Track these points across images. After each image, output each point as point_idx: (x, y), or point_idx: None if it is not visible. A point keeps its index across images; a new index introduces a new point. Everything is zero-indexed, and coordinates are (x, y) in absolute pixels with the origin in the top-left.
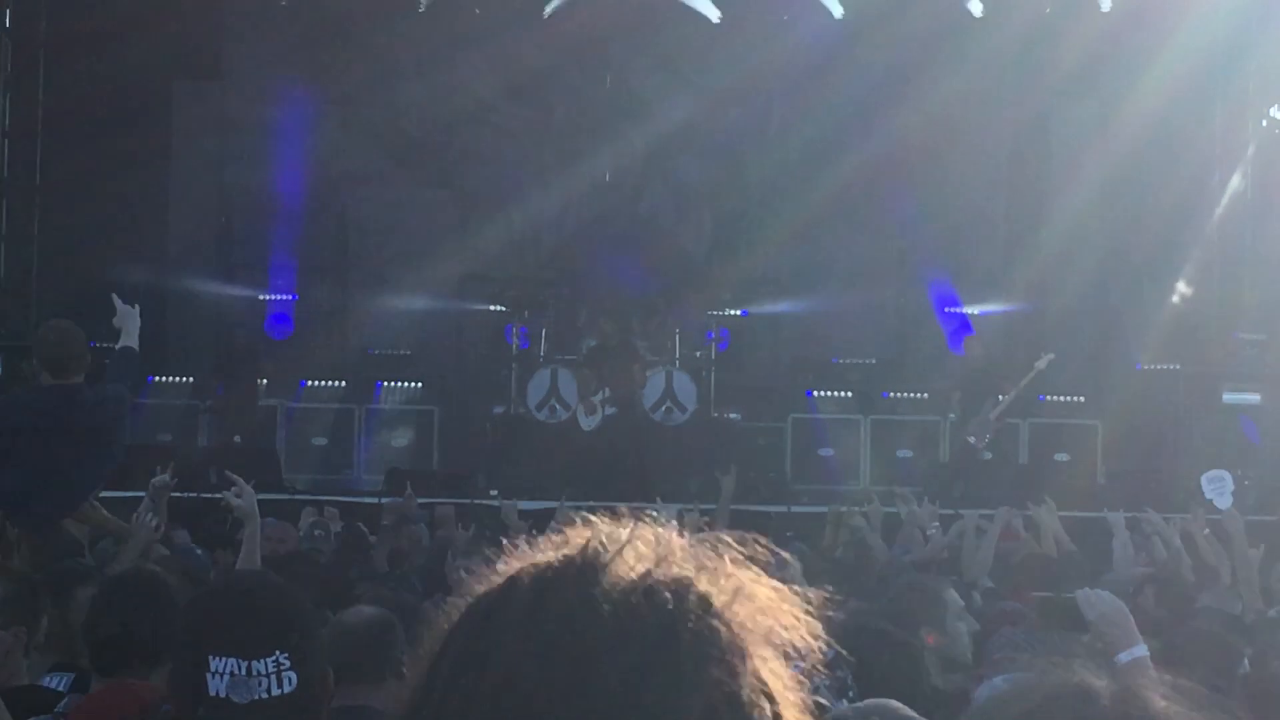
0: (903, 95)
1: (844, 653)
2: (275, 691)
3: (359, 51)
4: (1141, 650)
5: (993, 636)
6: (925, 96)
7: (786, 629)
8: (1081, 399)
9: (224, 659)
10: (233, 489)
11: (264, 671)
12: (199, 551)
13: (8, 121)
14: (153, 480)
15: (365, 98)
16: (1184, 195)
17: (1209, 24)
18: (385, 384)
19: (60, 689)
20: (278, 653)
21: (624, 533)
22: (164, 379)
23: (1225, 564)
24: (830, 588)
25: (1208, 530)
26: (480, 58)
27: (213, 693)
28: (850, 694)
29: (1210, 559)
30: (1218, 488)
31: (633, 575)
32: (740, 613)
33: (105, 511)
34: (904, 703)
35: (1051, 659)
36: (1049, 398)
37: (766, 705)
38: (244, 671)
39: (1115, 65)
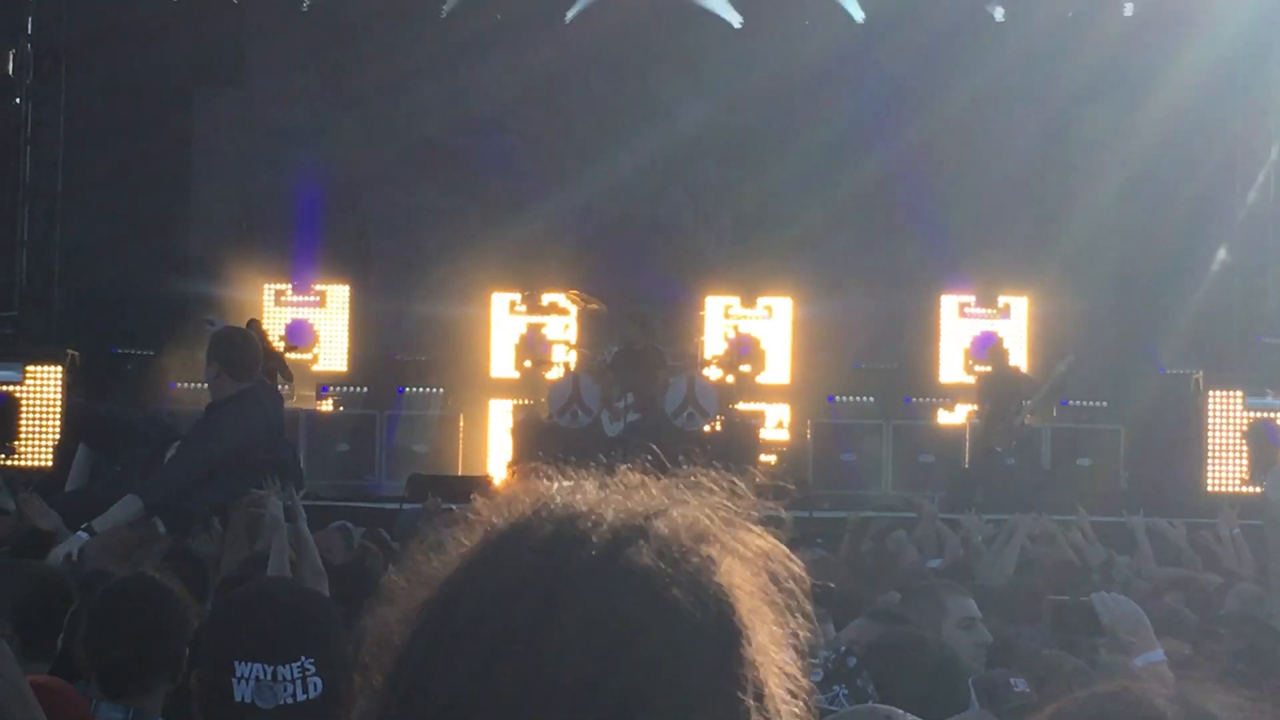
0: (923, 99)
1: (842, 659)
2: (301, 697)
3: (379, 56)
4: (1158, 655)
5: (1011, 637)
6: (946, 100)
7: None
8: (1104, 404)
9: (249, 664)
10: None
11: (289, 677)
12: None
13: (30, 128)
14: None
15: (385, 102)
16: (1205, 199)
17: (1230, 28)
18: (407, 389)
19: None
20: (303, 658)
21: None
22: (186, 385)
23: (1248, 566)
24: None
25: (1237, 529)
26: (501, 62)
27: (238, 698)
28: (871, 702)
29: (1230, 563)
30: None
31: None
32: (744, 585)
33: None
34: (937, 705)
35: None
36: (1071, 402)
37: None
38: (269, 677)
39: (1136, 69)
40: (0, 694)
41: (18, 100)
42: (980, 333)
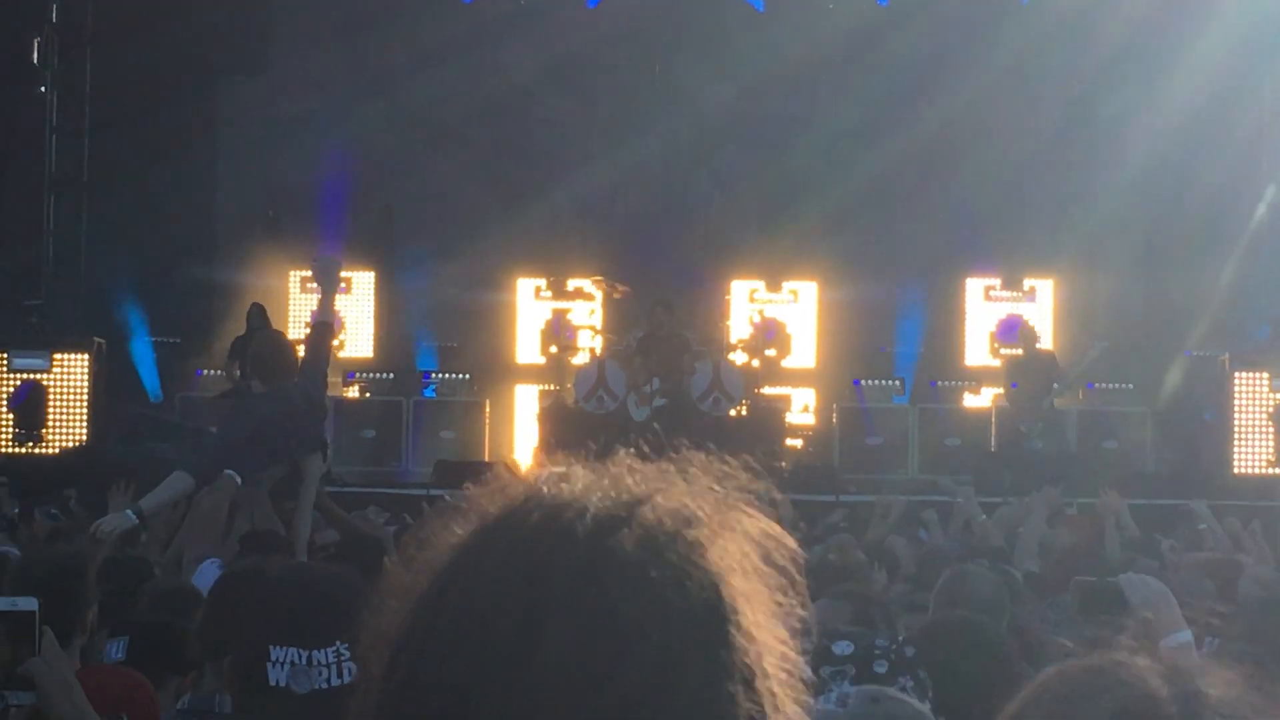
0: (947, 80)
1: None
2: (335, 682)
3: (403, 41)
4: (1186, 635)
5: (1026, 615)
6: (969, 81)
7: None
8: (1130, 386)
9: (285, 649)
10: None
11: (324, 661)
12: None
13: (55, 116)
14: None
15: (410, 87)
16: (1230, 178)
17: (1255, 3)
18: (434, 375)
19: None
20: (338, 643)
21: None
22: (212, 372)
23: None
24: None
25: (1256, 525)
26: (525, 46)
27: (273, 682)
28: (930, 694)
29: (1253, 550)
30: None
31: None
32: (736, 572)
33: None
34: (996, 690)
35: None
36: (1098, 385)
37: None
38: (304, 661)
39: (1160, 46)
40: (46, 682)
41: (43, 88)
42: (1006, 315)
